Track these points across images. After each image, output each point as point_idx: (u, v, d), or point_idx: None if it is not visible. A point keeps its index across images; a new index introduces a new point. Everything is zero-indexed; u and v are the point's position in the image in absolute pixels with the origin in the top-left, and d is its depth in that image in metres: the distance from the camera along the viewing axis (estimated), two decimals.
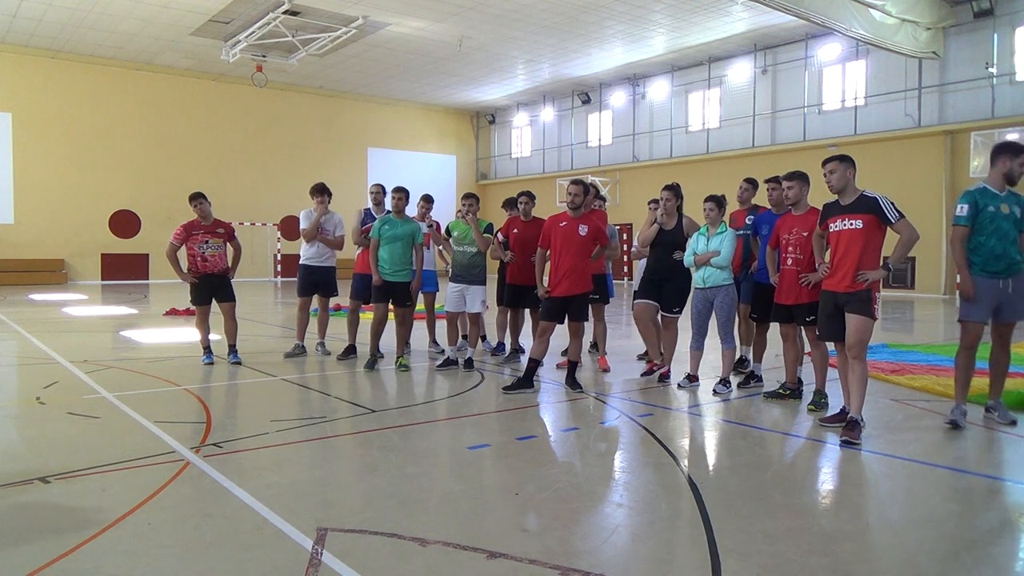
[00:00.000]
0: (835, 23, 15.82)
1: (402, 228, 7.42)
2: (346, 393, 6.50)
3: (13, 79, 22.95)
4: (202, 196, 7.78)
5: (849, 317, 4.95)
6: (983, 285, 5.02)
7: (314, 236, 8.20)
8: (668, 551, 3.08)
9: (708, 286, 6.44)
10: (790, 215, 5.96)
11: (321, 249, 8.28)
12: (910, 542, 3.19)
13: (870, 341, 5.11)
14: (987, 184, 5.08)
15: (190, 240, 7.66)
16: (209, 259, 7.71)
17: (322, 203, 8.19)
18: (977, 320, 5.09)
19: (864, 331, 4.90)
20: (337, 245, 8.35)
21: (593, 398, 6.21)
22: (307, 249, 8.32)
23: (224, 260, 7.87)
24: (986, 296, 5.03)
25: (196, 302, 7.80)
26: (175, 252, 7.72)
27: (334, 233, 8.30)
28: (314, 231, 8.19)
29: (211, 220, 7.78)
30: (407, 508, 3.50)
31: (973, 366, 5.21)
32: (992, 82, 18.30)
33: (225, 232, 7.85)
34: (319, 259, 8.28)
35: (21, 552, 3.02)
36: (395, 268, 7.40)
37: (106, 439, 4.80)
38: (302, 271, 8.34)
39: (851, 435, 4.71)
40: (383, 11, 19.87)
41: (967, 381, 5.19)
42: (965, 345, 5.15)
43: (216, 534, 3.17)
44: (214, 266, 7.74)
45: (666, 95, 25.99)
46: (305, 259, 8.31)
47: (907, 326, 12.93)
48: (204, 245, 7.69)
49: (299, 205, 8.84)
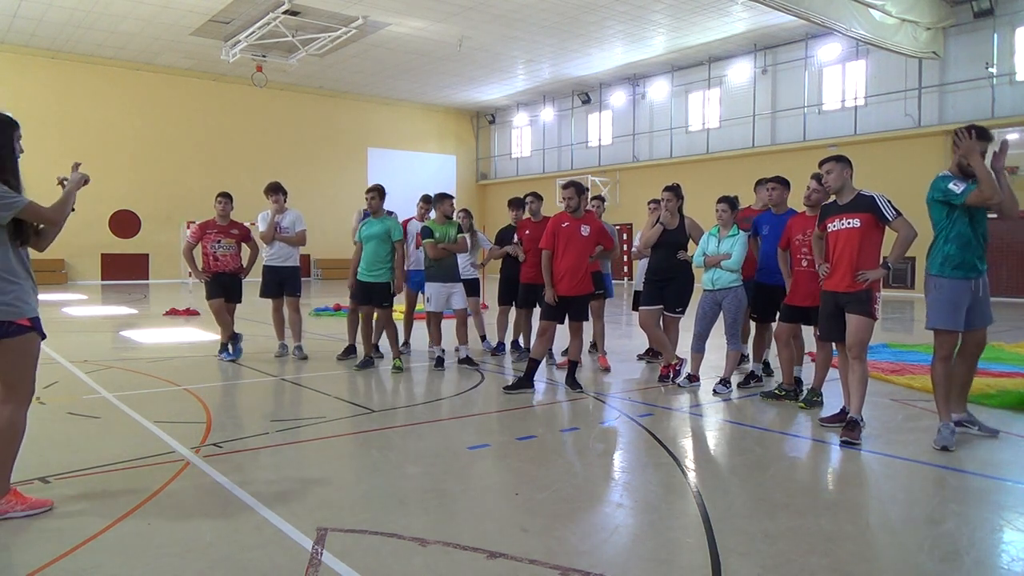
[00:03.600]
0: (835, 23, 15.81)
1: (377, 227, 7.39)
2: (346, 393, 6.50)
3: (13, 79, 22.96)
4: (228, 196, 7.95)
5: (849, 317, 4.94)
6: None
7: (272, 237, 8.13)
8: (668, 551, 3.08)
9: (717, 288, 6.43)
10: (803, 216, 5.96)
11: (283, 249, 8.18)
12: (910, 542, 3.19)
13: (871, 341, 5.10)
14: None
15: (204, 239, 7.83)
16: (220, 259, 7.84)
17: (276, 202, 8.15)
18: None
19: (864, 331, 4.89)
20: (300, 241, 8.26)
21: (593, 398, 6.21)
22: (269, 250, 8.22)
23: (237, 260, 7.98)
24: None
25: (210, 297, 7.88)
26: (191, 250, 7.90)
27: (293, 229, 8.21)
28: (272, 232, 8.12)
29: (227, 221, 7.91)
30: (407, 508, 3.50)
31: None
32: (992, 82, 18.29)
33: (239, 233, 7.96)
34: (281, 259, 8.19)
35: (21, 552, 3.02)
36: (371, 268, 7.36)
37: (106, 439, 4.80)
38: (266, 272, 8.22)
39: (851, 435, 4.70)
40: (383, 11, 19.86)
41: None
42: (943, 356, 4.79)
43: (216, 534, 3.17)
44: (225, 265, 7.86)
45: (666, 95, 25.98)
46: (268, 260, 8.23)
47: (907, 326, 12.92)
48: (217, 245, 7.82)
49: (299, 205, 8.82)
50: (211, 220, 7.94)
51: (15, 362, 3.33)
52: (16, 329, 3.28)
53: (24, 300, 3.31)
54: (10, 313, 3.25)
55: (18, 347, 3.31)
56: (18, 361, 3.34)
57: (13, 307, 3.26)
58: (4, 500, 3.33)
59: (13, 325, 3.27)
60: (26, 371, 3.38)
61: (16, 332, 3.29)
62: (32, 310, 3.35)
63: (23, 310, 3.30)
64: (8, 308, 3.25)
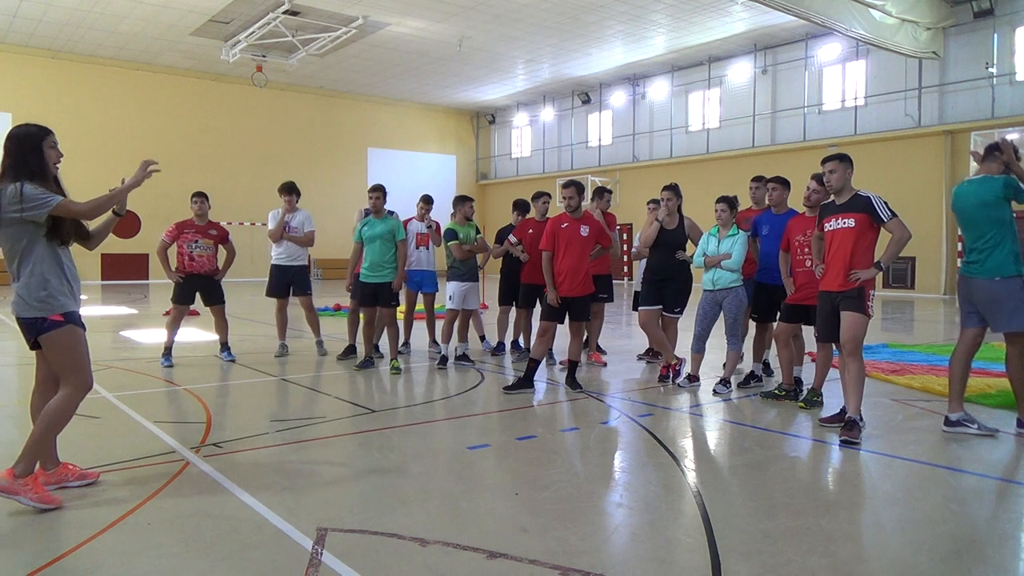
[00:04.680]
0: (835, 23, 15.82)
1: (380, 227, 7.37)
2: (346, 393, 6.50)
3: (13, 79, 22.98)
4: (203, 196, 7.83)
5: (842, 315, 4.97)
6: None
7: (280, 236, 8.17)
8: (668, 551, 3.07)
9: (718, 288, 6.42)
10: (803, 216, 5.97)
11: (291, 248, 8.23)
12: (910, 542, 3.18)
13: (871, 341, 5.11)
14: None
15: (180, 238, 7.69)
16: (196, 259, 7.71)
17: (289, 202, 8.19)
18: None
19: (857, 327, 4.91)
20: (307, 242, 8.30)
21: (593, 398, 6.21)
22: (277, 250, 8.27)
23: (213, 262, 7.84)
24: None
25: (176, 300, 7.75)
26: (165, 249, 7.75)
27: (302, 230, 8.27)
28: (280, 231, 8.15)
29: (205, 221, 7.80)
30: (407, 508, 3.50)
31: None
32: (992, 82, 18.30)
33: (217, 235, 7.85)
34: (289, 258, 8.24)
35: (21, 552, 3.02)
36: (374, 269, 7.33)
37: (106, 439, 4.80)
38: (274, 272, 8.27)
39: (850, 435, 4.71)
40: (383, 11, 19.87)
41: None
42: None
43: (216, 534, 3.17)
44: (201, 267, 7.73)
45: (666, 95, 25.99)
46: (276, 259, 8.27)
47: (907, 326, 12.92)
48: (193, 245, 7.70)
49: (299, 205, 8.81)
50: (188, 220, 7.79)
51: (59, 355, 3.53)
52: (50, 324, 3.48)
53: (56, 297, 3.50)
54: (43, 309, 3.47)
55: (57, 340, 3.51)
56: (62, 353, 3.53)
57: (46, 304, 3.47)
58: (22, 481, 3.44)
59: (47, 321, 3.47)
60: (73, 362, 3.56)
61: (51, 327, 3.49)
62: (64, 306, 3.53)
63: (54, 306, 3.49)
64: (41, 304, 3.47)
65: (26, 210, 3.41)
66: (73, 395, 3.54)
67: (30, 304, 3.46)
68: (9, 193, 3.40)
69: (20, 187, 3.41)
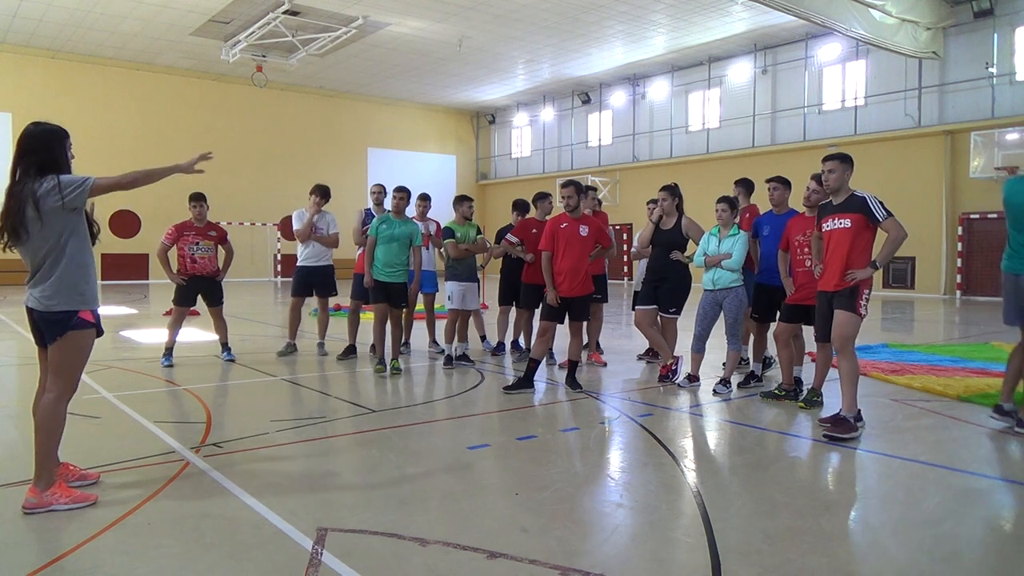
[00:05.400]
0: (835, 23, 15.82)
1: (400, 229, 7.34)
2: (346, 393, 6.50)
3: (13, 79, 22.97)
4: (202, 198, 7.79)
5: (835, 313, 5.00)
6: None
7: (308, 236, 8.19)
8: (668, 551, 3.08)
9: (718, 288, 6.42)
10: (802, 216, 5.98)
11: (317, 249, 8.26)
12: (910, 542, 3.18)
13: (871, 341, 5.12)
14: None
15: (180, 241, 7.68)
16: (199, 261, 7.71)
17: (318, 204, 8.20)
18: None
19: (847, 326, 4.92)
20: (333, 243, 8.33)
21: (593, 398, 6.21)
22: (303, 250, 8.30)
23: (214, 263, 7.85)
24: None
25: (178, 302, 7.75)
26: (166, 252, 7.73)
27: (328, 231, 8.30)
28: (308, 231, 8.18)
29: (204, 222, 7.79)
30: (407, 508, 3.50)
31: None
32: (992, 82, 18.29)
33: (217, 235, 7.85)
34: (316, 259, 8.27)
35: (21, 552, 3.02)
36: (390, 269, 7.31)
37: (106, 439, 4.80)
38: (299, 272, 8.31)
39: (835, 430, 4.76)
40: (383, 11, 19.87)
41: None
42: None
43: (216, 534, 3.17)
44: (203, 268, 7.74)
45: (666, 95, 25.98)
46: (302, 260, 8.29)
47: (907, 326, 12.92)
48: (194, 246, 7.69)
49: (299, 205, 8.83)
50: (188, 222, 7.77)
51: (68, 355, 3.51)
52: (78, 322, 3.47)
53: (93, 290, 3.55)
54: (80, 302, 3.47)
55: (76, 341, 3.50)
56: (71, 355, 3.52)
57: (84, 297, 3.49)
58: (49, 492, 3.41)
59: (76, 316, 3.46)
60: (76, 366, 3.56)
61: (80, 325, 3.48)
62: (96, 300, 3.57)
63: (89, 299, 3.52)
64: (80, 297, 3.48)
65: (66, 197, 3.36)
66: (61, 398, 3.52)
67: (69, 296, 3.43)
68: (46, 185, 3.36)
69: (56, 177, 3.39)
